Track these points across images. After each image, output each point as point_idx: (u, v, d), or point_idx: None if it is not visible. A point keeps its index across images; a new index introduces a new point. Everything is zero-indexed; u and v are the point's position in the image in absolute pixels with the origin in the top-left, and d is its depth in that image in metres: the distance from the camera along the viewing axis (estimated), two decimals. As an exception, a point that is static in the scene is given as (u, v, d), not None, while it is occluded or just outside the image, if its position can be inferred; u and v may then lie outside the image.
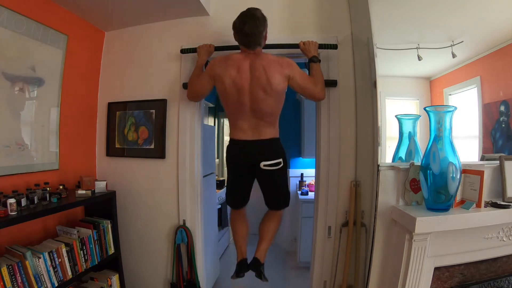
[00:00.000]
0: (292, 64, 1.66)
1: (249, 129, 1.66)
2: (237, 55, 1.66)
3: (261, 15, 1.60)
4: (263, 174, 1.67)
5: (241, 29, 1.56)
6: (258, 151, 1.64)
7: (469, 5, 1.79)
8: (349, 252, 1.84)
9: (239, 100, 1.63)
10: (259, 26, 1.56)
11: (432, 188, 1.41)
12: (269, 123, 1.67)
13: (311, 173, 3.51)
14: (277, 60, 1.64)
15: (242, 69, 1.61)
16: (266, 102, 1.62)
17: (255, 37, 1.57)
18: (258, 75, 1.60)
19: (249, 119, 1.66)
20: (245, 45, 1.61)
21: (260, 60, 1.62)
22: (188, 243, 2.07)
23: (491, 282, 1.57)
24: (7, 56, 1.57)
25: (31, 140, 1.75)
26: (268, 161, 1.63)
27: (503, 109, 1.75)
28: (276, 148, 1.69)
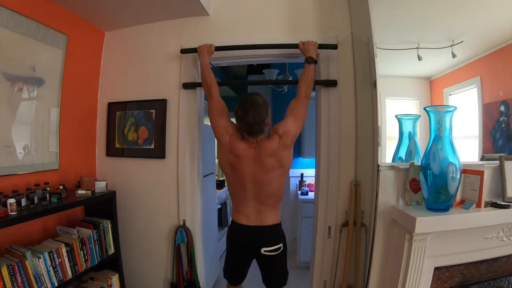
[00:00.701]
0: (278, 129, 1.64)
1: (252, 214, 1.66)
2: (242, 145, 1.63)
3: (263, 102, 1.57)
4: (263, 258, 1.67)
5: (244, 118, 1.53)
6: (260, 237, 1.64)
7: (469, 5, 1.79)
8: (349, 252, 1.84)
9: (241, 184, 1.64)
10: (262, 114, 1.53)
11: (432, 188, 1.41)
12: (272, 207, 1.67)
13: (311, 173, 3.51)
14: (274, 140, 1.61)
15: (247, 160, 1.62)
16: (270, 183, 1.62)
17: (258, 126, 1.55)
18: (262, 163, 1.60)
19: (252, 204, 1.66)
20: (248, 134, 1.59)
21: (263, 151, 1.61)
22: (188, 243, 2.07)
23: (491, 282, 1.57)
24: (7, 56, 1.57)
25: (31, 140, 1.75)
26: (269, 247, 1.63)
27: (503, 109, 1.75)
28: (277, 234, 1.68)
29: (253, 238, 1.64)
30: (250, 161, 1.62)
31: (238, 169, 1.64)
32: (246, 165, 1.62)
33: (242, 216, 1.67)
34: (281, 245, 1.67)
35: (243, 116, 1.53)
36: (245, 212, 1.67)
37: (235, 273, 1.77)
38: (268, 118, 1.59)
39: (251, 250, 1.66)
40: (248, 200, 1.66)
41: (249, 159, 1.62)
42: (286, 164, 1.65)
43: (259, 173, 1.62)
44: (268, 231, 1.65)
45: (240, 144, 1.64)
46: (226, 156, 1.67)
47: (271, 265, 1.69)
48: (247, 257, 1.71)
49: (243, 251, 1.69)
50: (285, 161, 1.63)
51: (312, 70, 1.72)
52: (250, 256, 1.70)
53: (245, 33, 2.04)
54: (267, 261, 1.67)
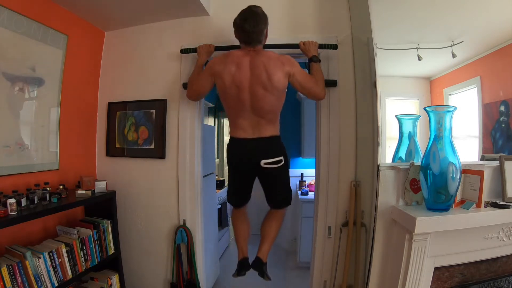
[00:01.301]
0: (293, 62, 1.66)
1: (249, 127, 1.66)
2: (237, 52, 1.65)
3: (262, 12, 1.59)
4: (264, 172, 1.67)
5: (242, 26, 1.55)
6: (259, 149, 1.64)
7: (469, 5, 1.79)
8: (349, 252, 1.84)
9: (239, 98, 1.62)
10: (260, 24, 1.56)
11: (432, 188, 1.41)
12: (270, 121, 1.67)
13: (311, 173, 3.51)
14: (277, 57, 1.63)
15: (242, 66, 1.61)
16: (266, 99, 1.61)
17: (255, 35, 1.57)
18: (258, 72, 1.59)
19: (249, 117, 1.65)
20: (245, 43, 1.61)
21: (261, 57, 1.61)
22: (188, 243, 2.07)
23: (491, 282, 1.57)
24: (7, 56, 1.57)
25: (31, 140, 1.75)
26: (269, 159, 1.62)
27: (503, 109, 1.75)
28: (277, 146, 1.68)
29: (252, 150, 1.64)
30: (246, 68, 1.60)
31: (235, 80, 1.60)
32: (242, 72, 1.60)
33: (239, 130, 1.67)
34: (282, 158, 1.66)
35: (241, 24, 1.55)
36: (242, 126, 1.66)
37: (239, 193, 1.78)
38: (266, 29, 1.61)
39: (251, 164, 1.65)
40: (245, 113, 1.64)
41: (245, 66, 1.60)
42: (276, 91, 1.62)
43: (255, 84, 1.59)
44: (267, 142, 1.65)
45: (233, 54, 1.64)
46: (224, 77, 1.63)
47: (272, 180, 1.70)
48: (248, 173, 1.71)
49: (243, 166, 1.69)
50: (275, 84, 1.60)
51: (319, 68, 1.75)
52: (251, 171, 1.70)
53: (245, 33, 2.04)
54: (269, 176, 1.68)
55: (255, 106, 1.63)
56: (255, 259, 1.79)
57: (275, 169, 1.65)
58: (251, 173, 1.72)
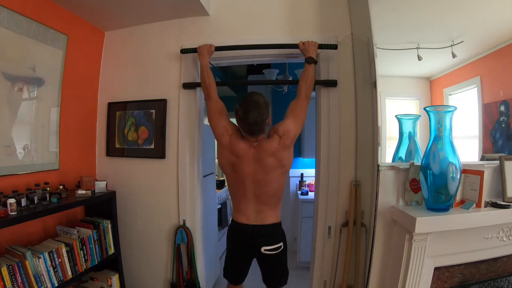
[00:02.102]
0: (276, 129, 1.64)
1: (252, 213, 1.66)
2: (242, 144, 1.63)
3: (264, 102, 1.57)
4: (263, 257, 1.67)
5: (245, 118, 1.52)
6: (260, 236, 1.64)
7: (469, 5, 1.79)
8: (349, 252, 1.84)
9: (243, 185, 1.64)
10: (262, 114, 1.53)
11: (432, 188, 1.41)
12: (272, 207, 1.67)
13: (311, 173, 3.51)
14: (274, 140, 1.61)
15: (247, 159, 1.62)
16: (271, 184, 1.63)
17: (259, 126, 1.54)
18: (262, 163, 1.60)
19: (252, 204, 1.65)
20: (248, 134, 1.59)
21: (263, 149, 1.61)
22: (188, 243, 2.07)
23: (491, 282, 1.57)
24: (7, 56, 1.57)
25: (31, 140, 1.75)
26: (269, 246, 1.63)
27: (503, 109, 1.75)
28: (278, 233, 1.68)
29: (253, 237, 1.64)
30: (251, 161, 1.62)
31: (238, 169, 1.64)
32: (247, 164, 1.62)
33: (242, 215, 1.67)
34: (281, 244, 1.67)
35: (243, 116, 1.53)
36: (245, 212, 1.67)
37: (235, 273, 1.77)
38: (268, 118, 1.59)
39: (251, 249, 1.66)
40: (248, 200, 1.66)
41: (249, 158, 1.62)
42: (286, 164, 1.65)
43: (259, 173, 1.62)
44: (268, 230, 1.65)
45: (240, 143, 1.64)
46: (226, 156, 1.67)
47: (271, 264, 1.69)
48: (247, 256, 1.71)
49: (243, 250, 1.69)
50: (285, 161, 1.63)
51: (312, 70, 1.72)
52: (250, 255, 1.70)
53: (245, 33, 2.04)
54: (268, 260, 1.67)
55: (258, 193, 1.63)
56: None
57: (274, 255, 1.65)
58: (250, 256, 1.71)
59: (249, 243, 1.65)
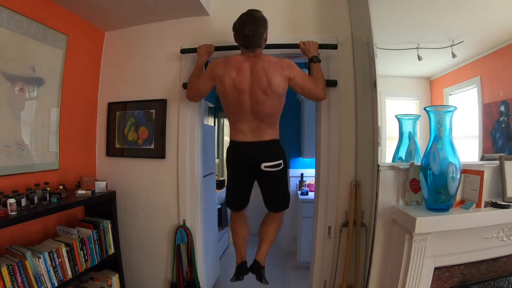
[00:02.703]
0: (292, 65, 1.66)
1: (250, 131, 1.66)
2: (238, 57, 1.66)
3: (262, 16, 1.59)
4: (264, 176, 1.67)
5: (242, 30, 1.55)
6: (259, 152, 1.64)
7: (469, 5, 1.79)
8: (349, 252, 1.84)
9: (239, 102, 1.63)
10: (260, 28, 1.56)
11: (432, 188, 1.41)
12: (270, 125, 1.67)
13: (311, 173, 3.51)
14: (277, 62, 1.64)
15: (243, 71, 1.61)
16: (267, 103, 1.62)
17: (255, 39, 1.56)
18: (258, 77, 1.60)
19: (249, 120, 1.66)
20: (245, 47, 1.61)
21: (261, 61, 1.62)
22: (188, 243, 2.07)
23: (491, 282, 1.57)
24: (7, 56, 1.57)
25: (31, 140, 1.75)
26: (269, 163, 1.63)
27: (503, 109, 1.75)
28: (277, 150, 1.69)
29: (252, 154, 1.65)
30: (247, 73, 1.61)
31: (236, 84, 1.61)
32: (243, 76, 1.60)
33: (240, 133, 1.68)
34: (281, 161, 1.67)
35: (241, 27, 1.55)
36: (242, 130, 1.67)
37: (238, 197, 1.78)
38: (266, 34, 1.61)
39: (251, 168, 1.66)
40: (245, 117, 1.65)
41: (245, 71, 1.61)
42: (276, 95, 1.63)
43: (256, 88, 1.60)
44: (267, 146, 1.65)
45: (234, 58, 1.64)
46: (224, 81, 1.63)
47: (272, 183, 1.70)
48: (248, 176, 1.71)
49: (243, 169, 1.69)
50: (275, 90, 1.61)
51: (320, 69, 1.75)
52: (251, 174, 1.70)
53: (245, 33, 2.04)
54: (268, 178, 1.68)
55: (255, 110, 1.63)
56: (253, 263, 1.79)
57: (274, 172, 1.66)
58: (250, 176, 1.72)
59: (249, 160, 1.65)
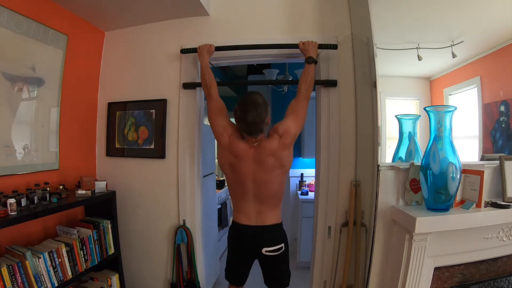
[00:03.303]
0: (278, 129, 1.63)
1: (252, 214, 1.65)
2: (242, 145, 1.63)
3: (263, 101, 1.56)
4: (264, 258, 1.66)
5: (244, 118, 1.52)
6: (261, 237, 1.63)
7: (469, 5, 1.79)
8: (349, 252, 1.84)
9: (243, 185, 1.63)
10: (261, 114, 1.52)
11: (432, 188, 1.41)
12: (273, 207, 1.66)
13: (311, 173, 3.51)
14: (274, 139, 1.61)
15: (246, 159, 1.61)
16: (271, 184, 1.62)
17: (257, 125, 1.53)
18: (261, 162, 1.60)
19: (252, 204, 1.65)
20: (247, 134, 1.58)
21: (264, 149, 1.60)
22: (188, 243, 2.07)
23: (491, 282, 1.57)
24: (7, 56, 1.57)
25: (31, 140, 1.75)
26: (270, 247, 1.62)
27: (503, 109, 1.75)
28: (279, 234, 1.67)
29: (254, 238, 1.64)
30: (250, 161, 1.62)
31: (238, 169, 1.64)
32: (246, 165, 1.62)
33: (242, 216, 1.67)
34: (283, 245, 1.66)
35: (242, 116, 1.52)
36: (245, 212, 1.66)
37: (237, 274, 1.76)
38: (267, 118, 1.58)
39: (252, 251, 1.65)
40: (248, 200, 1.65)
41: (249, 158, 1.62)
42: (286, 164, 1.65)
43: (259, 173, 1.61)
44: (269, 231, 1.64)
45: (239, 143, 1.63)
46: (226, 156, 1.67)
47: (272, 265, 1.69)
48: (248, 257, 1.70)
49: (244, 251, 1.68)
50: (285, 160, 1.63)
51: (312, 70, 1.72)
52: (251, 256, 1.69)
53: (245, 33, 2.04)
54: (269, 261, 1.67)
55: (258, 193, 1.63)
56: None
57: (275, 256, 1.64)
58: (251, 258, 1.71)
59: (250, 244, 1.64)
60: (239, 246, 1.70)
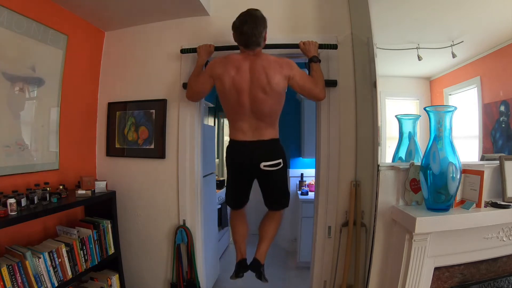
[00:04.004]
0: (292, 64, 1.66)
1: (249, 130, 1.67)
2: (237, 56, 1.66)
3: (261, 15, 1.60)
4: (263, 175, 1.68)
5: (241, 29, 1.55)
6: (258, 151, 1.65)
7: (469, 5, 1.79)
8: (349, 252, 1.84)
9: (239, 101, 1.63)
10: (259, 26, 1.56)
11: (432, 188, 1.41)
12: (269, 124, 1.68)
13: (311, 173, 3.51)
14: (276, 61, 1.64)
15: (242, 70, 1.61)
16: (266, 102, 1.62)
17: (254, 37, 1.57)
18: (257, 76, 1.60)
19: (248, 120, 1.66)
20: (244, 46, 1.61)
21: (260, 60, 1.62)
22: (188, 243, 2.07)
23: (491, 282, 1.57)
24: (7, 56, 1.57)
25: (31, 140, 1.75)
26: (268, 162, 1.63)
27: (503, 109, 1.75)
28: (276, 149, 1.69)
29: (252, 153, 1.65)
30: (246, 72, 1.61)
31: (235, 83, 1.61)
32: (242, 76, 1.61)
33: (239, 133, 1.68)
34: (281, 160, 1.67)
35: (240, 26, 1.55)
36: (242, 129, 1.67)
37: (237, 195, 1.79)
38: (265, 32, 1.61)
39: (251, 166, 1.66)
40: (244, 116, 1.65)
41: (245, 70, 1.61)
42: (276, 94, 1.63)
43: (255, 87, 1.60)
44: (266, 145, 1.66)
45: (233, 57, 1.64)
46: (223, 79, 1.63)
47: (271, 181, 1.70)
48: (247, 175, 1.72)
49: (243, 168, 1.70)
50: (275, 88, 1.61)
51: (319, 69, 1.75)
52: (250, 173, 1.71)
53: (245, 33, 2.04)
54: (268, 177, 1.68)
55: (254, 109, 1.63)
56: (253, 260, 1.80)
57: (274, 171, 1.66)
58: (250, 175, 1.72)
59: (249, 159, 1.65)
60: (238, 163, 1.71)
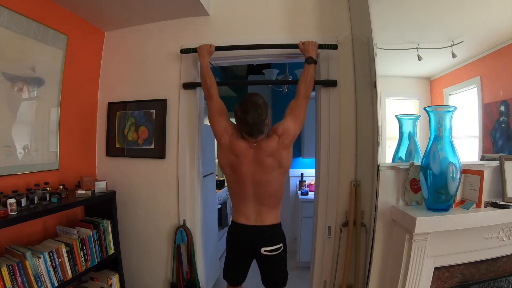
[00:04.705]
0: (275, 128, 1.64)
1: (252, 214, 1.66)
2: (242, 144, 1.64)
3: (263, 102, 1.57)
4: (263, 258, 1.67)
5: (244, 119, 1.53)
6: (259, 237, 1.64)
7: (469, 5, 1.79)
8: (349, 252, 1.84)
9: (243, 185, 1.64)
10: (262, 115, 1.53)
11: (432, 188, 1.41)
12: (272, 207, 1.66)
13: (311, 173, 3.51)
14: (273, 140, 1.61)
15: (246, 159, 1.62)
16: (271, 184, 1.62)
17: (257, 126, 1.55)
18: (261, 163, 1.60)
19: (251, 205, 1.65)
20: (248, 134, 1.59)
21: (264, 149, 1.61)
22: (188, 243, 2.07)
23: (491, 282, 1.57)
24: (7, 56, 1.57)
25: (31, 140, 1.75)
26: (269, 247, 1.63)
27: (503, 109, 1.75)
28: (277, 234, 1.68)
29: (253, 238, 1.64)
30: (250, 161, 1.62)
31: (238, 169, 1.64)
32: (246, 165, 1.62)
33: (242, 216, 1.68)
34: (281, 245, 1.66)
35: (243, 117, 1.53)
36: (245, 213, 1.67)
37: (235, 274, 1.77)
38: (268, 119, 1.59)
39: (251, 250, 1.66)
40: (247, 201, 1.66)
41: (248, 159, 1.62)
42: (285, 164, 1.65)
43: (259, 173, 1.62)
44: (268, 231, 1.65)
45: (240, 143, 1.64)
46: (226, 156, 1.68)
47: (271, 265, 1.69)
48: (247, 257, 1.71)
49: (243, 251, 1.69)
50: (284, 160, 1.63)
51: (312, 70, 1.72)
52: (250, 256, 1.70)
53: (245, 33, 2.04)
54: (267, 261, 1.67)
55: (258, 193, 1.63)
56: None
57: (274, 256, 1.65)
58: (249, 258, 1.71)
59: (249, 243, 1.65)
60: (238, 246, 1.70)
